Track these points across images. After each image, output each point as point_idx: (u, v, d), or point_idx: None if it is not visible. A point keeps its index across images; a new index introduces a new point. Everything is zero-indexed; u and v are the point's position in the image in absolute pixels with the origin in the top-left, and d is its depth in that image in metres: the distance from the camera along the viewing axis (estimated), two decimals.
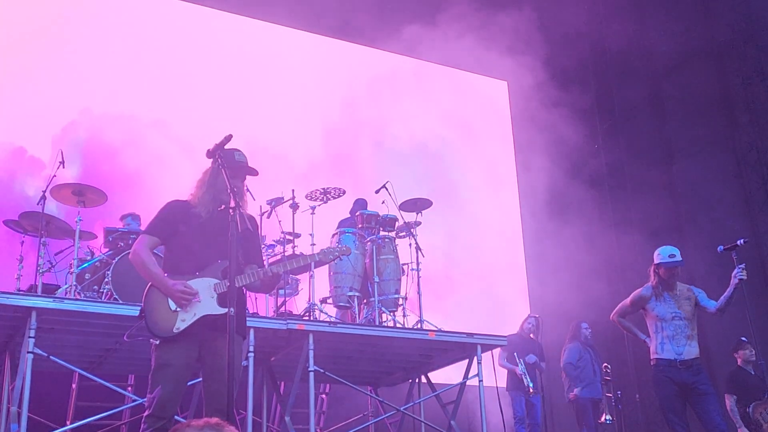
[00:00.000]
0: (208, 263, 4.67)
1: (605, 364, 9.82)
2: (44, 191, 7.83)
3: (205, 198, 4.75)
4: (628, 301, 7.18)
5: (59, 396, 8.24)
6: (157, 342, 4.58)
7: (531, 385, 9.57)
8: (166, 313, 4.55)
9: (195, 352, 4.62)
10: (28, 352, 6.45)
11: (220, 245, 4.56)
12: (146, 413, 4.55)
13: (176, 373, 4.56)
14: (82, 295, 7.66)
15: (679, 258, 6.92)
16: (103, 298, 7.66)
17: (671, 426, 6.75)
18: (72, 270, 7.75)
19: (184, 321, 4.54)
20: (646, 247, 13.04)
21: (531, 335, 10.13)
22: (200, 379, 6.96)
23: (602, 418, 9.81)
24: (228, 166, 4.65)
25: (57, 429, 7.17)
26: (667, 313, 6.86)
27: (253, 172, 4.87)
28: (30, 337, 6.48)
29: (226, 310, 4.35)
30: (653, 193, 13.77)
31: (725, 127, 13.47)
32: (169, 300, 4.57)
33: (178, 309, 4.55)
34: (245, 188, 4.95)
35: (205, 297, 4.59)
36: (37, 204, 7.83)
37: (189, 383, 4.94)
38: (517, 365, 9.71)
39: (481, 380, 8.52)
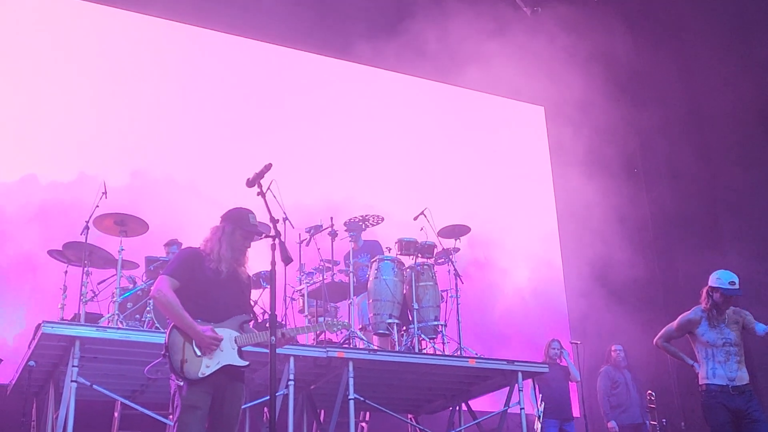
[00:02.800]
0: (226, 315, 4.92)
1: (649, 391, 9.62)
2: (87, 221, 7.95)
3: (227, 256, 5.02)
4: (674, 324, 6.99)
5: (102, 425, 8.30)
6: (181, 383, 4.76)
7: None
8: (190, 357, 4.76)
9: (212, 395, 4.83)
10: (72, 381, 6.53)
11: (234, 299, 4.95)
12: None
13: (203, 416, 4.78)
14: (125, 323, 7.73)
15: (737, 287, 6.70)
16: (144, 326, 7.73)
17: None
18: (114, 299, 7.84)
19: (208, 367, 4.76)
20: (690, 273, 12.89)
21: (557, 360, 9.91)
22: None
23: None
24: (242, 227, 5.05)
25: None
26: (717, 339, 6.67)
27: (268, 236, 5.01)
28: (74, 365, 6.57)
29: (245, 363, 4.85)
30: (696, 225, 13.57)
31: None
32: (193, 344, 4.77)
33: (202, 355, 4.75)
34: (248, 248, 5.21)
35: (227, 347, 4.84)
36: (81, 234, 7.94)
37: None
38: (540, 404, 9.43)
39: (523, 408, 8.42)
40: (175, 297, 4.86)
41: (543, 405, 9.06)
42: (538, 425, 9.05)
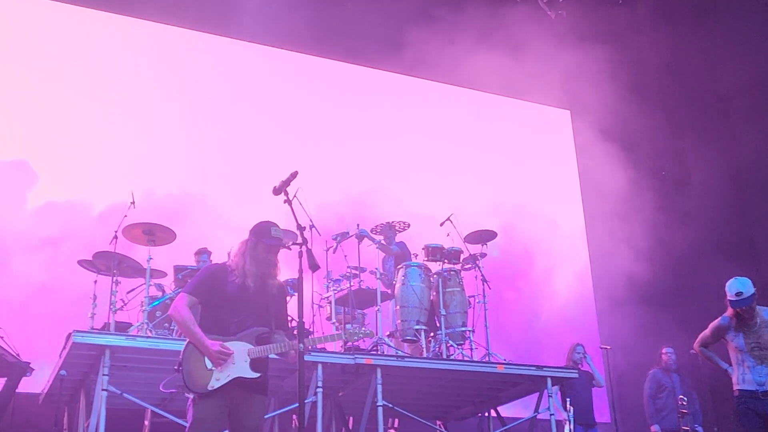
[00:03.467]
0: (243, 328, 4.98)
1: (681, 396, 9.51)
2: (116, 231, 8.03)
3: (251, 270, 5.06)
4: (708, 331, 6.97)
5: None
6: (192, 397, 4.87)
7: None
8: (202, 371, 4.84)
9: (226, 409, 4.90)
10: (103, 390, 6.59)
11: (256, 312, 5.01)
12: None
13: (212, 427, 4.85)
14: (154, 332, 7.79)
15: (744, 296, 6.63)
16: (173, 335, 7.77)
17: None
18: (143, 308, 7.90)
19: (218, 380, 4.84)
20: (721, 275, 12.76)
21: (580, 366, 9.79)
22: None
23: None
24: (263, 240, 5.08)
25: None
26: (746, 344, 6.63)
27: (288, 248, 5.16)
28: (104, 374, 6.63)
29: (257, 375, 4.90)
30: (725, 227, 13.44)
31: None
32: (206, 359, 4.85)
33: (214, 368, 4.84)
34: (278, 259, 5.22)
35: (239, 360, 4.89)
36: (110, 244, 8.01)
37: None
38: (567, 409, 9.34)
39: (552, 414, 8.38)
40: (189, 314, 4.96)
41: (572, 409, 8.97)
42: (568, 430, 8.99)
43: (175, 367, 4.95)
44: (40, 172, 10.14)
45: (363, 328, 5.53)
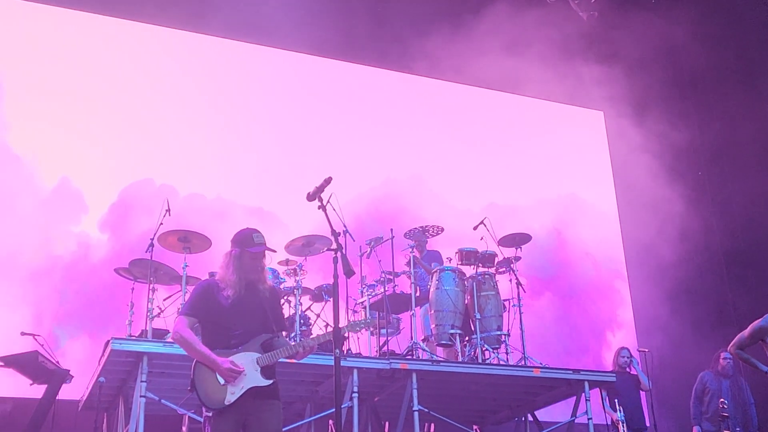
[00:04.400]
0: (245, 339, 5.00)
1: (722, 399, 9.37)
2: (152, 238, 8.09)
3: (234, 279, 5.08)
4: (746, 332, 6.84)
5: None
6: (210, 414, 4.90)
7: None
8: (216, 387, 4.88)
9: (242, 421, 4.94)
10: (141, 396, 6.65)
11: (255, 320, 5.05)
12: None
13: None
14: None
15: None
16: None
17: None
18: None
19: (233, 394, 4.87)
20: (759, 278, 12.56)
21: (627, 369, 9.69)
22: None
23: None
24: (246, 248, 5.10)
25: None
26: None
27: (273, 250, 5.26)
28: (142, 381, 6.69)
29: (270, 381, 4.95)
30: (762, 221, 13.25)
31: None
32: (217, 375, 4.89)
33: (227, 383, 4.87)
34: (264, 265, 5.29)
35: (250, 370, 4.92)
36: (146, 251, 8.08)
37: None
38: (615, 411, 9.26)
39: (590, 418, 8.30)
40: (191, 335, 5.01)
41: (622, 409, 8.91)
42: (621, 427, 8.94)
43: (188, 389, 4.99)
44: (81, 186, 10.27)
45: (360, 320, 5.53)
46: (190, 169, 10.80)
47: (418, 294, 8.96)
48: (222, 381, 4.88)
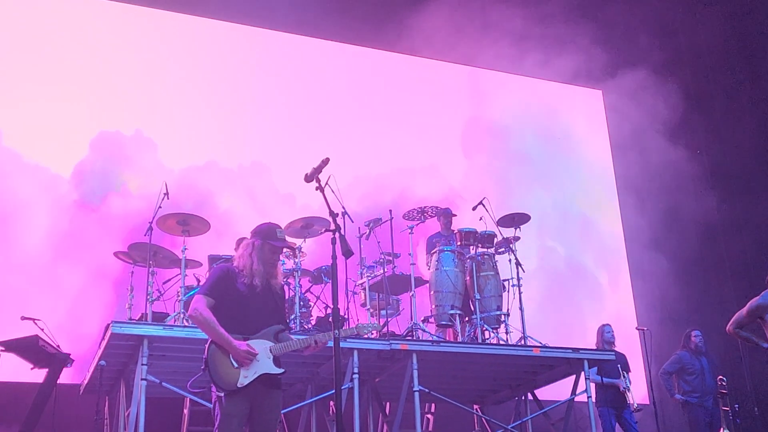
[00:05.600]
0: (261, 327, 5.11)
1: (720, 377, 9.40)
2: (150, 222, 8.08)
3: (259, 269, 5.18)
4: (744, 311, 6.85)
5: (172, 421, 8.46)
6: (221, 394, 4.98)
7: (635, 404, 9.18)
8: (229, 369, 4.96)
9: (249, 403, 5.04)
10: (142, 379, 6.66)
11: (268, 311, 5.17)
12: None
13: (239, 423, 4.99)
14: (190, 322, 7.83)
15: None
16: None
17: None
18: (179, 298, 7.96)
19: (246, 377, 4.96)
20: (757, 252, 12.58)
21: (614, 347, 9.71)
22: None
23: None
24: (269, 241, 5.21)
25: None
26: None
27: (293, 246, 5.58)
28: (143, 364, 6.70)
29: (282, 370, 5.08)
30: (759, 196, 13.25)
31: None
32: (231, 357, 4.97)
33: (240, 366, 4.96)
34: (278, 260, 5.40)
35: (263, 357, 5.03)
36: (144, 235, 8.08)
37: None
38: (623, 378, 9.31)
39: (590, 396, 8.34)
40: (211, 314, 5.05)
41: (627, 375, 9.05)
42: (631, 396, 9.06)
43: (202, 367, 5.06)
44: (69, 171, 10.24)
45: (370, 323, 5.62)
46: (185, 151, 10.79)
47: None
48: (236, 364, 4.95)
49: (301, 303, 8.35)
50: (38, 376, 7.71)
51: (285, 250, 5.75)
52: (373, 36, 12.49)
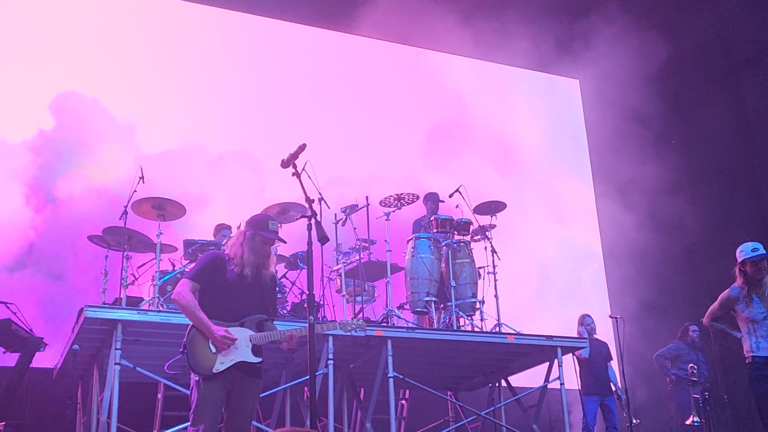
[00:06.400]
0: (245, 315, 5.16)
1: (691, 365, 9.55)
2: (125, 206, 8.03)
3: (250, 259, 5.22)
4: (716, 304, 6.94)
5: (146, 406, 8.43)
6: (197, 378, 5.05)
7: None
8: (207, 354, 5.04)
9: (226, 391, 5.09)
10: (115, 364, 6.63)
11: (254, 300, 5.22)
12: None
13: (215, 408, 5.05)
14: (165, 306, 7.82)
15: (762, 251, 6.67)
16: None
17: (766, 424, 6.48)
18: (154, 282, 7.93)
19: (222, 363, 5.02)
20: (726, 241, 12.71)
21: (594, 335, 9.81)
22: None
23: (690, 420, 9.53)
24: (260, 232, 5.23)
25: None
26: (758, 315, 6.59)
27: (283, 241, 5.51)
28: (117, 348, 6.67)
29: (260, 359, 5.14)
30: (736, 190, 13.39)
31: None
32: (210, 343, 5.03)
33: (218, 352, 5.02)
34: (272, 251, 5.51)
35: (242, 345, 5.08)
36: (119, 219, 8.02)
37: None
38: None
39: (563, 383, 8.41)
40: (193, 299, 5.11)
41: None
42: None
43: (180, 350, 5.11)
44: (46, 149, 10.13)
45: (356, 320, 5.66)
46: (164, 133, 10.71)
47: None
48: (214, 349, 5.01)
49: (277, 289, 8.33)
50: (10, 360, 7.65)
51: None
52: (349, 20, 12.44)
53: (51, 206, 9.85)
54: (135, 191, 8.08)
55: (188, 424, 5.09)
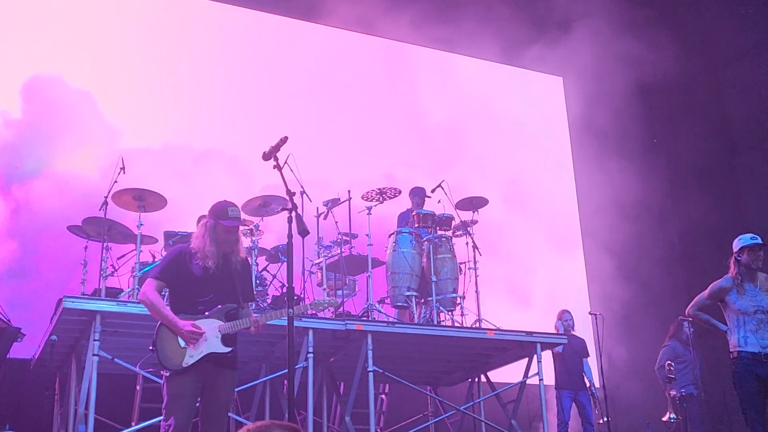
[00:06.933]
0: (212, 306, 5.16)
1: (668, 362, 9.59)
2: (106, 196, 7.97)
3: (212, 251, 5.22)
4: (705, 293, 6.86)
5: (124, 397, 8.40)
6: (168, 374, 5.06)
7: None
8: (176, 349, 5.05)
9: (200, 384, 5.11)
10: (94, 355, 6.62)
11: (223, 290, 5.21)
12: None
13: (188, 402, 5.07)
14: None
15: (760, 240, 6.65)
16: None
17: (749, 423, 6.42)
18: (134, 273, 7.89)
19: (192, 357, 5.05)
20: (707, 240, 12.80)
21: (572, 331, 9.85)
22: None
23: (666, 417, 9.59)
24: (220, 221, 5.22)
25: (122, 430, 7.31)
26: (749, 307, 6.54)
27: (246, 224, 5.56)
28: (95, 340, 6.65)
29: (229, 349, 5.13)
30: (713, 190, 13.48)
31: None
32: (178, 337, 5.05)
33: (187, 346, 5.03)
34: (240, 235, 5.52)
35: (211, 336, 5.09)
36: (99, 209, 7.97)
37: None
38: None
39: (542, 379, 8.45)
40: (158, 297, 5.16)
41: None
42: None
43: (150, 347, 5.12)
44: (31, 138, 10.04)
45: (326, 299, 5.65)
46: (145, 124, 10.65)
47: None
48: (183, 344, 5.02)
49: (258, 281, 8.32)
50: None
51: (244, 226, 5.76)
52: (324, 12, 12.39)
53: (26, 194, 9.75)
54: (116, 182, 8.03)
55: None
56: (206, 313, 5.10)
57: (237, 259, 5.31)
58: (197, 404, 5.22)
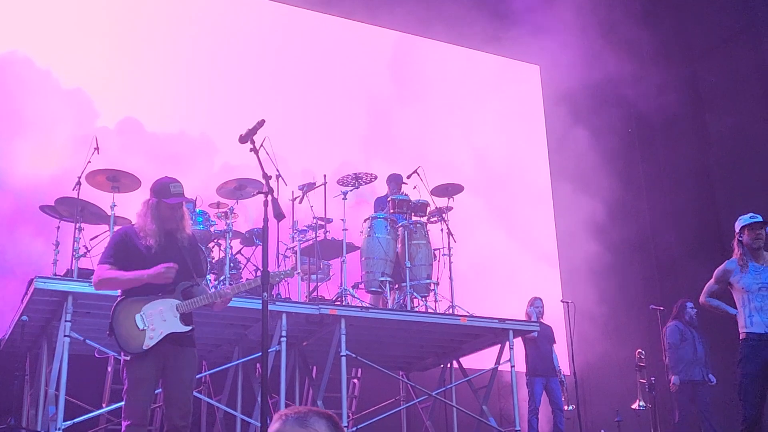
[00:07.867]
0: (165, 286, 5.00)
1: (639, 350, 9.68)
2: (79, 177, 7.89)
3: (153, 229, 5.09)
4: (712, 279, 6.84)
5: (95, 379, 8.36)
6: (128, 358, 4.92)
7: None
8: (134, 331, 4.90)
9: (161, 365, 4.98)
10: (65, 336, 6.56)
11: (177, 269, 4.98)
12: (128, 423, 4.85)
13: (149, 386, 4.95)
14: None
15: (760, 218, 6.59)
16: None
17: (744, 405, 6.35)
18: None
19: (152, 339, 4.91)
20: (677, 230, 12.94)
21: (541, 319, 9.91)
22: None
23: (636, 405, 9.69)
24: (163, 198, 5.10)
25: (93, 411, 7.29)
26: (753, 285, 6.50)
27: (189, 200, 5.39)
28: (66, 321, 6.60)
29: (189, 328, 5.03)
30: (688, 182, 13.62)
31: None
32: (136, 318, 4.91)
33: (146, 327, 4.89)
34: (186, 211, 5.34)
35: (170, 316, 4.97)
36: (72, 190, 7.89)
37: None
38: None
39: (513, 365, 8.52)
40: (112, 271, 5.00)
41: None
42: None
43: (107, 333, 4.98)
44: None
45: (283, 270, 5.59)
46: (124, 105, 10.55)
47: None
48: (141, 326, 4.89)
49: (232, 264, 8.29)
50: None
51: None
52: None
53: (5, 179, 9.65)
54: (89, 162, 7.95)
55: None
56: (160, 294, 4.97)
57: (183, 236, 5.18)
58: (157, 386, 5.11)
